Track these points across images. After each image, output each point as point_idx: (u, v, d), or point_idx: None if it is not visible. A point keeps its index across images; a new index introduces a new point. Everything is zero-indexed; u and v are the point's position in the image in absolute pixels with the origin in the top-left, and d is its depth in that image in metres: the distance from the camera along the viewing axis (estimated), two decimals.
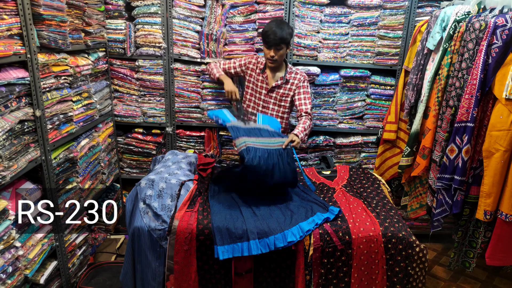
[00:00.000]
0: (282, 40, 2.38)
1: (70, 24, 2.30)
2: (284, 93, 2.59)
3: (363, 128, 3.24)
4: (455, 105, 2.20)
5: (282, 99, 2.61)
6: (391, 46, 3.04)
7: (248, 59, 2.70)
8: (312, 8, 2.95)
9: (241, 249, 1.80)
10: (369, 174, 2.48)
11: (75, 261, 2.53)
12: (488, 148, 2.01)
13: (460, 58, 2.18)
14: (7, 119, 1.82)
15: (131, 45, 3.00)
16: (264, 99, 2.62)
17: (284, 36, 2.37)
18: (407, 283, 1.90)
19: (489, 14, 2.12)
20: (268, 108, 2.64)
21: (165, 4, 2.89)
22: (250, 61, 2.68)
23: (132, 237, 1.92)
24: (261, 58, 2.66)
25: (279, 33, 2.36)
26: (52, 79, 2.18)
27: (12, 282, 1.89)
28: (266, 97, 2.61)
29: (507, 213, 2.00)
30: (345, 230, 1.87)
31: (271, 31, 2.36)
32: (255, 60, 2.66)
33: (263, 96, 2.62)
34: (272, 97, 2.60)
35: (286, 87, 2.58)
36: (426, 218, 3.17)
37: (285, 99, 2.61)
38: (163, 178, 2.13)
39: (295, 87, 2.57)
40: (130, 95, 3.16)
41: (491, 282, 2.89)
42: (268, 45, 2.42)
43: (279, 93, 2.59)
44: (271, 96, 2.60)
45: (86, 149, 2.58)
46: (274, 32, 2.36)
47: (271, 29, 2.37)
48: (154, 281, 1.93)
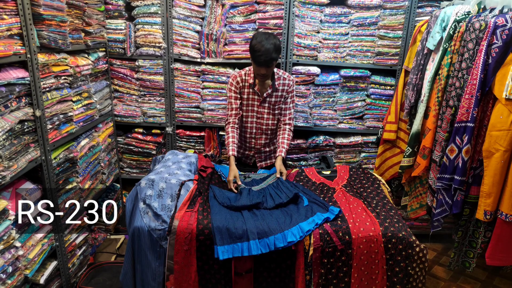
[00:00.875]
0: (273, 59, 2.28)
1: (70, 24, 2.30)
2: (276, 101, 2.57)
3: (363, 128, 3.24)
4: (455, 105, 2.19)
5: (275, 107, 2.59)
6: (391, 46, 3.04)
7: (234, 81, 2.53)
8: (312, 8, 2.95)
9: (241, 249, 1.80)
10: (369, 174, 2.48)
11: (75, 261, 2.53)
12: (488, 148, 2.01)
13: (460, 58, 2.18)
14: (7, 119, 1.82)
15: (131, 45, 3.00)
16: (258, 110, 2.59)
17: (275, 56, 2.28)
18: (407, 283, 1.90)
19: (489, 14, 2.11)
20: (263, 118, 2.62)
21: (165, 4, 2.90)
22: (237, 81, 2.53)
23: (132, 237, 1.92)
24: (246, 70, 2.54)
25: (269, 54, 2.24)
26: (52, 79, 2.18)
27: (12, 282, 1.89)
28: (260, 108, 2.58)
29: (507, 213, 2.00)
30: (345, 230, 1.87)
31: (263, 50, 2.23)
32: (240, 78, 2.53)
33: (256, 107, 2.59)
34: (265, 107, 2.58)
35: (277, 94, 2.54)
36: (426, 218, 3.17)
37: (278, 107, 2.59)
38: (163, 178, 2.13)
39: (285, 93, 2.55)
40: (130, 95, 3.16)
41: (491, 282, 2.89)
42: (259, 64, 2.29)
43: (271, 102, 2.57)
44: (264, 106, 2.58)
45: (86, 149, 2.58)
46: (266, 52, 2.23)
47: (263, 47, 2.23)
48: (154, 281, 1.93)
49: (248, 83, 2.53)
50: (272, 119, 2.63)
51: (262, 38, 2.27)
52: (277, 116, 2.63)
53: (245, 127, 2.66)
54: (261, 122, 2.63)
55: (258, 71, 2.36)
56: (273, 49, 2.26)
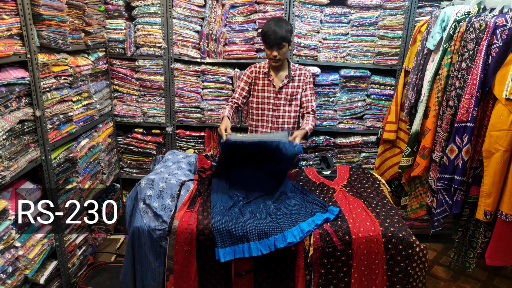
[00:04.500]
0: (283, 38, 2.33)
1: (70, 24, 2.30)
2: (292, 92, 2.56)
3: (363, 128, 3.24)
4: (455, 105, 2.19)
5: (293, 98, 2.57)
6: (391, 46, 3.04)
7: (248, 70, 2.61)
8: (312, 8, 2.95)
9: (241, 251, 1.80)
10: (369, 174, 2.47)
11: (75, 261, 2.53)
12: (488, 148, 2.01)
13: (460, 58, 2.18)
14: (7, 119, 1.82)
15: (131, 45, 3.00)
16: (274, 102, 2.58)
17: (284, 35, 2.33)
18: (407, 283, 1.90)
19: (489, 14, 2.12)
20: (279, 110, 2.59)
21: (165, 4, 2.90)
22: (251, 70, 2.60)
23: (132, 237, 1.91)
24: (261, 63, 2.60)
25: (279, 32, 2.31)
26: (52, 79, 2.18)
27: (12, 282, 1.89)
28: (275, 99, 2.57)
29: (507, 213, 2.00)
30: (345, 230, 1.87)
31: (271, 31, 2.31)
32: (256, 68, 2.59)
33: (272, 99, 2.57)
34: (281, 98, 2.57)
35: (293, 85, 2.55)
36: (426, 218, 3.17)
37: (295, 98, 2.58)
38: (163, 178, 2.13)
39: (302, 83, 2.56)
40: (130, 95, 3.16)
41: (491, 282, 2.89)
42: (270, 45, 2.37)
43: (288, 93, 2.56)
44: (280, 98, 2.57)
45: (86, 149, 2.58)
46: (274, 32, 2.31)
47: (271, 28, 2.32)
48: (154, 281, 1.93)
49: (263, 74, 2.56)
50: (289, 112, 2.60)
51: (272, 22, 2.36)
52: (293, 111, 2.60)
53: (261, 120, 2.64)
54: (277, 115, 2.60)
55: (269, 54, 2.40)
56: (283, 29, 2.32)
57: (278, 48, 2.37)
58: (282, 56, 2.43)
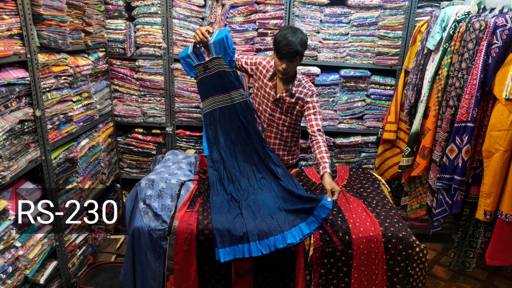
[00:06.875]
0: (298, 52, 2.12)
1: (70, 24, 2.30)
2: (289, 106, 2.37)
3: (363, 128, 3.24)
4: (455, 105, 2.20)
5: (288, 111, 2.40)
6: (391, 46, 3.04)
7: (260, 60, 2.41)
8: (312, 8, 2.95)
9: (242, 251, 1.80)
10: (369, 174, 2.48)
11: (75, 261, 2.53)
12: (488, 148, 2.01)
13: (460, 58, 2.18)
14: (7, 119, 1.82)
15: (131, 45, 3.00)
16: (271, 107, 2.43)
17: (299, 49, 2.11)
18: (407, 283, 1.90)
19: (489, 14, 2.12)
20: (274, 116, 2.45)
21: (165, 4, 2.89)
22: (261, 62, 2.41)
23: (132, 237, 1.92)
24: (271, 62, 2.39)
25: (294, 45, 2.08)
26: (52, 79, 2.18)
27: (12, 282, 1.89)
28: (273, 105, 2.41)
29: (507, 213, 2.00)
30: (345, 230, 1.87)
31: (286, 42, 2.08)
32: (268, 65, 2.39)
33: (270, 103, 2.43)
34: (278, 106, 2.41)
35: (291, 100, 2.34)
36: (426, 218, 3.17)
37: (291, 111, 2.40)
38: (163, 178, 2.13)
39: (301, 102, 2.34)
40: (130, 95, 3.16)
41: (491, 282, 2.90)
42: (280, 56, 2.15)
43: (285, 105, 2.38)
44: (277, 105, 2.41)
45: (86, 149, 2.58)
46: (289, 44, 2.08)
47: (286, 39, 2.09)
48: (154, 281, 1.93)
49: (269, 75, 2.37)
50: (284, 121, 2.45)
51: (288, 31, 2.13)
52: (289, 119, 2.44)
53: (260, 112, 2.51)
54: (272, 119, 2.47)
55: (279, 65, 2.19)
56: (299, 42, 2.10)
57: (289, 61, 2.15)
58: (291, 71, 2.24)
